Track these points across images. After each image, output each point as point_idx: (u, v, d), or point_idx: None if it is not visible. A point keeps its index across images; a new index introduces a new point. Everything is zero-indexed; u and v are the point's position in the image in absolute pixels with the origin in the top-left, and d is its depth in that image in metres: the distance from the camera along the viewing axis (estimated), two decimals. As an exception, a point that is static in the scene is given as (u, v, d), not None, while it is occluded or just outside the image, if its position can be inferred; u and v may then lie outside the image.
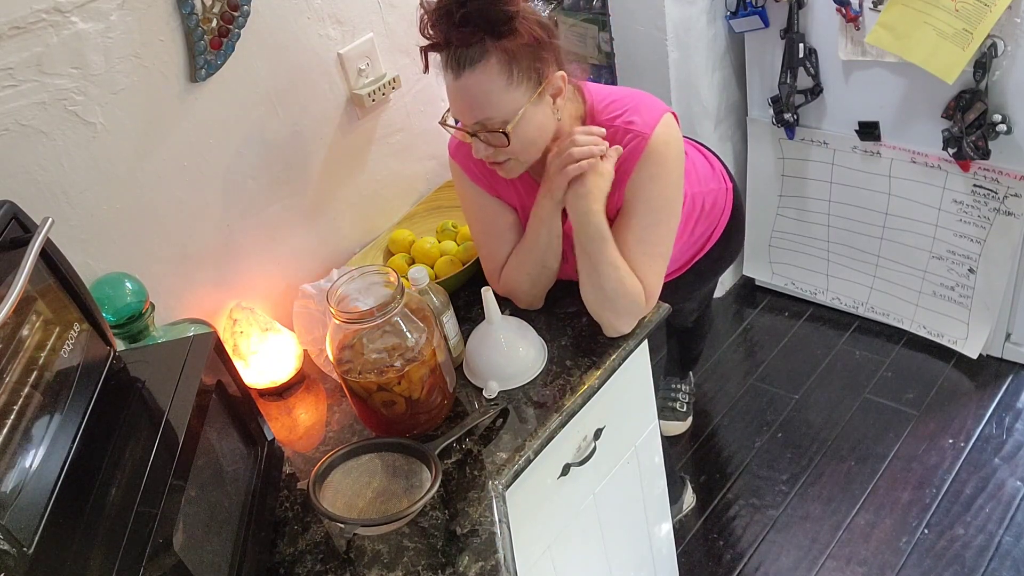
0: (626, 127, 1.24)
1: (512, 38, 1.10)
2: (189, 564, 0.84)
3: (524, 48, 1.12)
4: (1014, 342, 2.32)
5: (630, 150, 1.23)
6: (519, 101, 1.15)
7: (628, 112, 1.25)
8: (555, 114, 1.21)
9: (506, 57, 1.11)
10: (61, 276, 0.91)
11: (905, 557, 1.94)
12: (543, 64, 1.16)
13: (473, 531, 1.07)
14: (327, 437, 1.29)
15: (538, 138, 1.21)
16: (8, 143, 1.09)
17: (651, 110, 1.25)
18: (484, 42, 1.10)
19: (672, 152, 1.25)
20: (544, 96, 1.18)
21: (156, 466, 0.87)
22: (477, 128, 1.18)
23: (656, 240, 1.28)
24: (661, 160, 1.23)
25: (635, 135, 1.23)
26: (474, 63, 1.11)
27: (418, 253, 1.58)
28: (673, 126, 1.26)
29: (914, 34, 1.88)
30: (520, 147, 1.20)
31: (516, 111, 1.15)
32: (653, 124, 1.23)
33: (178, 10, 1.20)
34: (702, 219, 1.57)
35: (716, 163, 1.63)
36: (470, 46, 1.10)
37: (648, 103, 1.26)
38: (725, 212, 1.63)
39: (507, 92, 1.13)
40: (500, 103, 1.14)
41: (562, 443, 1.27)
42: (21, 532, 0.75)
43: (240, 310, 1.39)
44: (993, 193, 2.06)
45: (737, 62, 2.40)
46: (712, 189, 1.57)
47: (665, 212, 1.28)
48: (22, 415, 0.80)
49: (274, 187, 1.44)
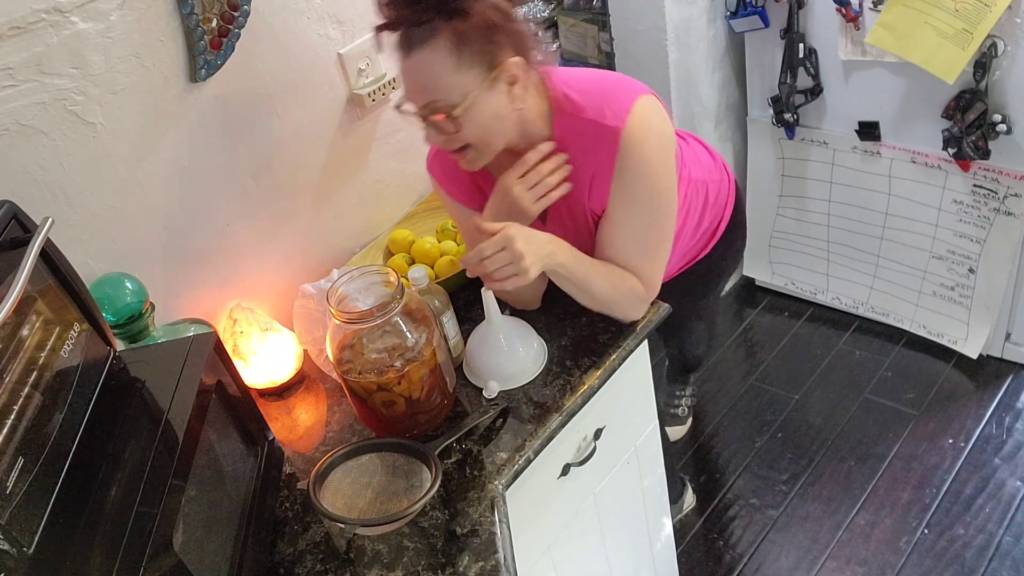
0: (596, 122, 1.16)
1: (463, 19, 1.06)
2: (189, 564, 0.84)
3: (475, 30, 1.07)
4: (1014, 342, 2.32)
5: (605, 147, 1.16)
6: (468, 85, 1.09)
7: (598, 103, 1.16)
8: (512, 103, 1.14)
9: (455, 38, 1.06)
10: (61, 276, 0.91)
11: (905, 557, 1.94)
12: (497, 48, 1.09)
13: (473, 531, 1.07)
14: (327, 437, 1.29)
15: (494, 126, 1.15)
16: (8, 143, 1.09)
17: (622, 97, 1.16)
18: (433, 22, 1.06)
19: (652, 141, 1.17)
20: (498, 83, 1.11)
21: (156, 466, 0.87)
22: (427, 112, 1.13)
23: (654, 239, 1.25)
24: (641, 153, 1.16)
25: (604, 129, 1.15)
26: (422, 43, 1.07)
27: (418, 253, 1.58)
28: (649, 109, 1.17)
29: (914, 34, 1.88)
30: (473, 134, 1.14)
31: (465, 95, 1.09)
32: (624, 114, 1.15)
33: (178, 10, 1.20)
34: (708, 210, 1.50)
35: (718, 156, 1.57)
36: (419, 25, 1.06)
37: (620, 89, 1.18)
38: (728, 205, 1.57)
39: (455, 74, 1.08)
40: (448, 85, 1.09)
41: (562, 443, 1.27)
42: (21, 532, 0.75)
43: (240, 310, 1.39)
44: (993, 193, 2.06)
45: (737, 62, 2.40)
46: (715, 179, 1.50)
47: (659, 208, 1.22)
48: (22, 415, 0.79)
49: (274, 187, 1.44)
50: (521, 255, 1.09)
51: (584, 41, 2.53)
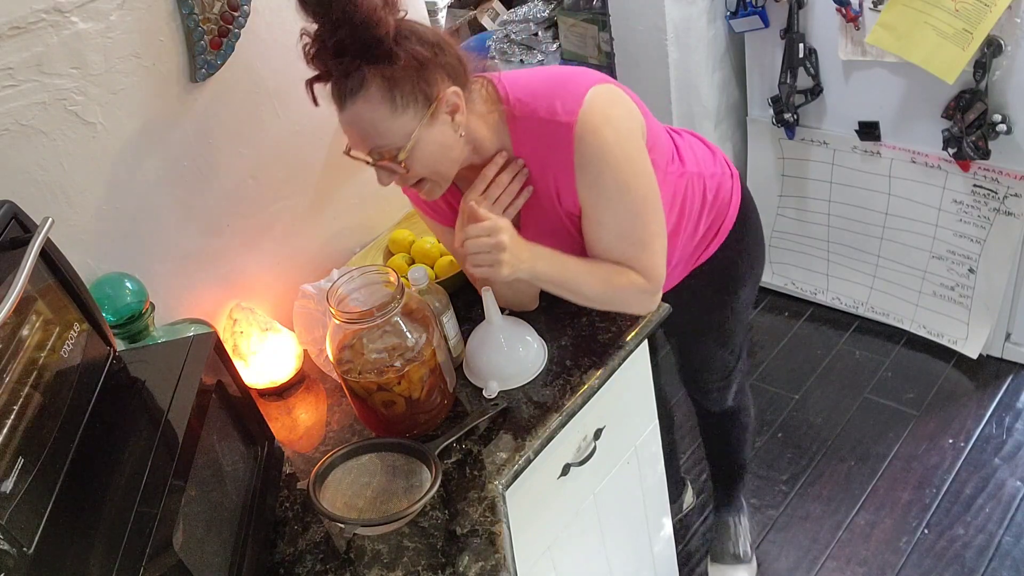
0: (548, 119, 1.12)
1: (390, 63, 1.03)
2: (189, 564, 0.84)
3: (406, 72, 1.04)
4: (1014, 342, 2.32)
5: (559, 144, 1.13)
6: (408, 126, 1.07)
7: (549, 101, 1.13)
8: (457, 130, 1.12)
9: (386, 84, 1.04)
10: (61, 276, 0.92)
11: (905, 557, 1.94)
12: (430, 84, 1.07)
13: (473, 531, 1.07)
14: (327, 437, 1.29)
15: (442, 157, 1.13)
16: (8, 143, 1.09)
17: (573, 91, 1.12)
18: (362, 70, 1.03)
19: (608, 130, 1.12)
20: (438, 116, 1.09)
21: (156, 466, 0.87)
22: (375, 158, 1.11)
23: (639, 227, 1.19)
24: (598, 144, 1.12)
25: (558, 126, 1.12)
26: (355, 93, 1.04)
27: (418, 253, 1.58)
28: (602, 98, 1.13)
29: (914, 34, 1.88)
30: (424, 170, 1.13)
31: (407, 136, 1.07)
32: (576, 107, 1.11)
33: (178, 10, 1.20)
34: (707, 207, 1.42)
35: (718, 151, 1.49)
36: (349, 76, 1.04)
37: (572, 82, 1.14)
38: (732, 204, 1.47)
39: (393, 119, 1.06)
40: (388, 131, 1.07)
41: (562, 443, 1.27)
42: (21, 532, 0.75)
43: (240, 310, 1.39)
44: (993, 193, 2.06)
45: (737, 62, 2.40)
46: (715, 173, 1.43)
47: (632, 194, 1.16)
48: (22, 415, 0.79)
49: (274, 187, 1.44)
50: (503, 247, 1.10)
51: (584, 41, 2.53)
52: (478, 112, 1.16)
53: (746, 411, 1.85)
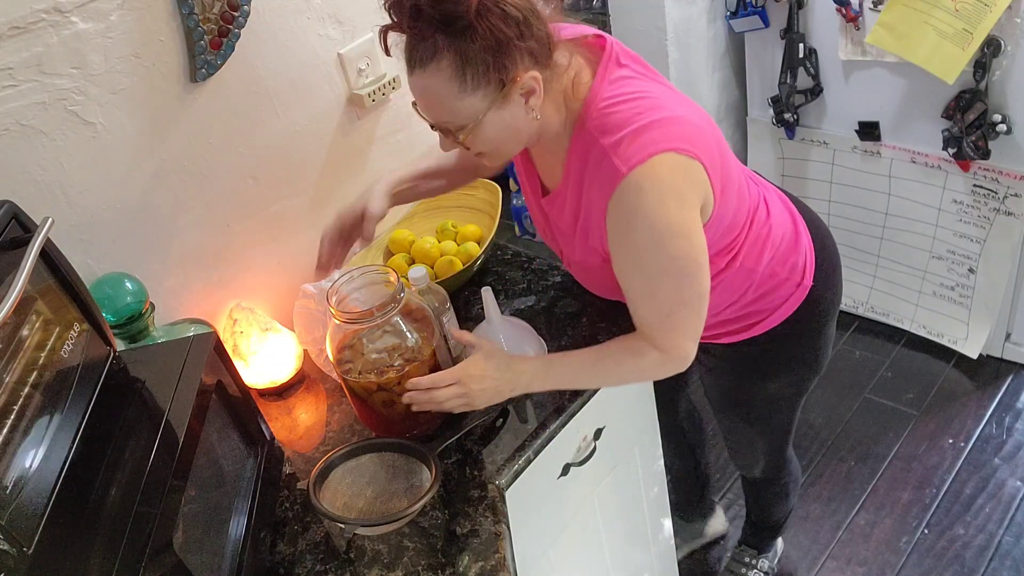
0: (607, 152, 1.02)
1: (468, 39, 0.95)
2: (189, 564, 0.84)
3: (482, 50, 0.96)
4: (1014, 342, 2.32)
5: (604, 181, 1.04)
6: (475, 107, 1.00)
7: (621, 136, 1.02)
8: (530, 113, 1.03)
9: (459, 60, 0.96)
10: (61, 276, 0.91)
11: (905, 557, 1.94)
12: (509, 65, 0.98)
13: (473, 531, 1.07)
14: (327, 437, 1.29)
15: (507, 139, 1.06)
16: (8, 143, 1.09)
17: (648, 144, 1.00)
18: (435, 39, 0.96)
19: (651, 197, 1.00)
20: (511, 98, 1.01)
21: (156, 466, 0.87)
22: (437, 127, 1.07)
23: (666, 302, 1.08)
24: (633, 209, 1.02)
25: (611, 166, 1.02)
26: (424, 63, 0.98)
27: (418, 253, 1.58)
28: (663, 169, 1.00)
29: (914, 34, 1.88)
30: (485, 147, 1.07)
31: (472, 117, 1.01)
32: (635, 162, 1.00)
33: (178, 10, 1.20)
34: (739, 305, 1.28)
35: (806, 247, 1.31)
36: (422, 41, 0.97)
37: (656, 131, 1.01)
38: (781, 310, 1.30)
39: (460, 99, 0.99)
40: (453, 109, 1.01)
41: (562, 443, 1.27)
42: (21, 532, 0.75)
43: (240, 310, 1.39)
44: (993, 193, 2.06)
45: (737, 62, 2.40)
46: (774, 274, 1.27)
47: (663, 267, 1.05)
48: (22, 415, 0.79)
49: (274, 187, 1.44)
50: (471, 395, 1.10)
51: (584, 41, 2.53)
52: (555, 100, 1.06)
53: (780, 484, 1.70)
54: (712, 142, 1.08)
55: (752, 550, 1.94)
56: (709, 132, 1.08)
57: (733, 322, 1.32)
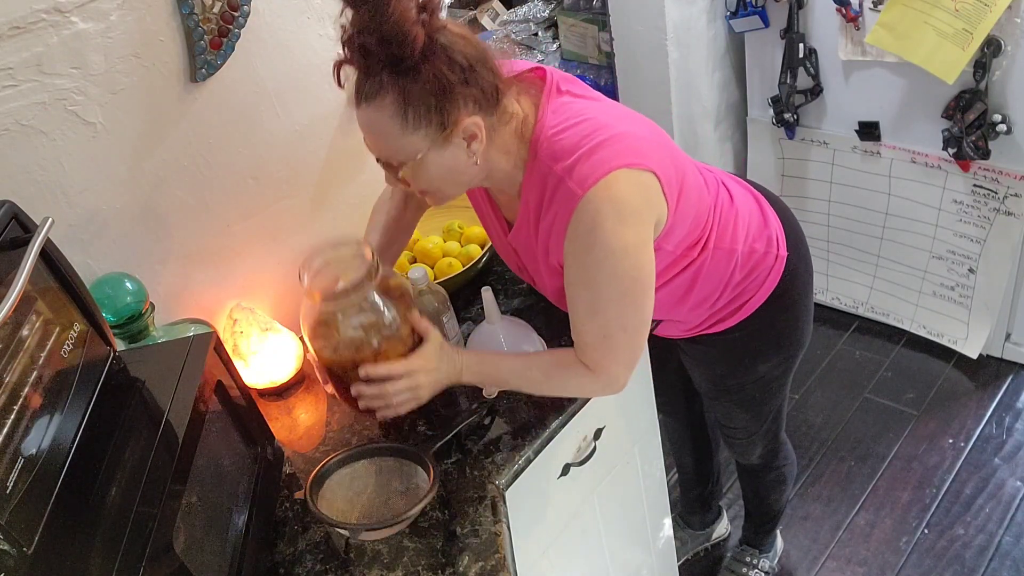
0: (562, 178, 1.04)
1: (412, 79, 0.97)
2: (189, 564, 0.84)
3: (425, 92, 0.97)
4: (1014, 342, 2.32)
5: (562, 206, 1.05)
6: (416, 146, 1.01)
7: (574, 160, 1.03)
8: (471, 157, 1.05)
9: (402, 99, 0.98)
10: (61, 276, 0.91)
11: (905, 557, 1.94)
12: (451, 108, 0.99)
13: (473, 531, 1.07)
14: (327, 437, 1.29)
15: (448, 180, 1.07)
16: (8, 143, 1.09)
17: (599, 164, 1.02)
18: (380, 76, 0.98)
19: (612, 215, 1.02)
20: (452, 140, 1.02)
21: (156, 466, 0.87)
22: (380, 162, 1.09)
23: (607, 322, 1.10)
24: (591, 229, 1.03)
25: (567, 190, 1.03)
26: (369, 99, 1.00)
27: (420, 253, 1.58)
28: (620, 186, 1.02)
29: (914, 34, 1.88)
30: (425, 186, 1.08)
31: (412, 156, 1.02)
32: (589, 182, 1.01)
33: (178, 10, 1.20)
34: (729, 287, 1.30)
35: (773, 221, 1.34)
36: (369, 77, 0.99)
37: (607, 150, 1.03)
38: (765, 285, 1.33)
39: (402, 136, 1.01)
40: (394, 146, 1.02)
41: (562, 443, 1.27)
42: (21, 532, 0.75)
43: (240, 310, 1.39)
44: (993, 193, 2.06)
45: (737, 62, 2.40)
46: (754, 251, 1.30)
47: (611, 287, 1.07)
48: (22, 415, 0.79)
49: (274, 187, 1.44)
50: (420, 388, 1.12)
51: (584, 41, 2.53)
52: (501, 145, 1.08)
53: (777, 470, 1.73)
54: (661, 150, 1.10)
55: (753, 549, 1.96)
56: (655, 140, 1.10)
57: (724, 308, 1.34)
